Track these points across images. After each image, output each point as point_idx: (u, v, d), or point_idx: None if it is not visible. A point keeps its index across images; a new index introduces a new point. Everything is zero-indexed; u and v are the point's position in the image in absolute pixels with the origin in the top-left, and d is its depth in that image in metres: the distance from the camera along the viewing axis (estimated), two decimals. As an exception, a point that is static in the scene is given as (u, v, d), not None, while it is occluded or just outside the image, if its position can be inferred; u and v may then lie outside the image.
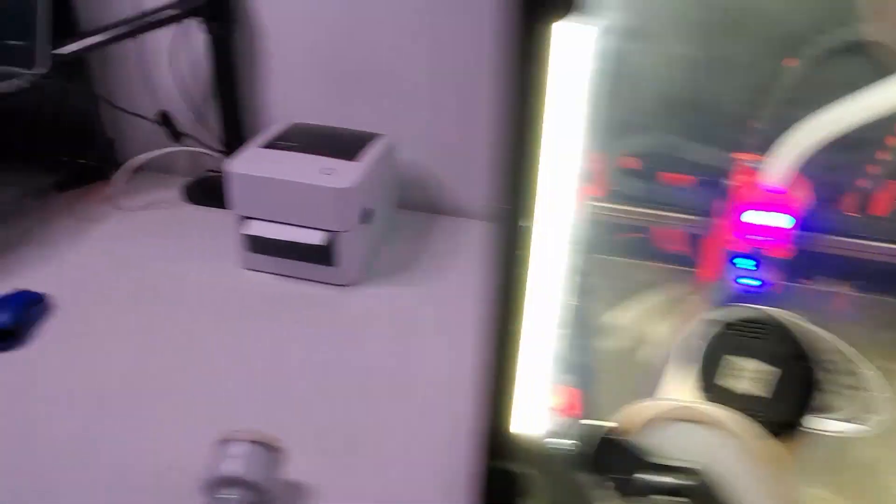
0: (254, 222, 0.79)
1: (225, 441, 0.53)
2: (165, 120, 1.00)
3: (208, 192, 1.02)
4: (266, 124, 1.01)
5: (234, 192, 0.79)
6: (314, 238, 0.77)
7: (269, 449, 0.52)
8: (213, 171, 1.06)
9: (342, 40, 0.93)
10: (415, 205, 1.00)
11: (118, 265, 0.83)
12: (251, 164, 0.79)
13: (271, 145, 0.83)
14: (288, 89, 0.98)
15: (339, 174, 0.77)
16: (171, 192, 1.02)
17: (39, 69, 0.80)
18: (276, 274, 0.83)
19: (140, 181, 1.01)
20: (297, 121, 0.92)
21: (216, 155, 1.00)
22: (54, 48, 0.80)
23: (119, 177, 0.97)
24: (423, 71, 0.92)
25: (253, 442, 0.52)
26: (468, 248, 0.92)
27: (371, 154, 0.83)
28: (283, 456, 0.53)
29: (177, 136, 1.01)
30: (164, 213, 0.97)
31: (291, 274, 0.82)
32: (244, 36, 0.94)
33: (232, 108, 0.97)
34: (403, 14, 0.89)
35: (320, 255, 0.79)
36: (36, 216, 0.93)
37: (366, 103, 0.96)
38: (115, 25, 0.84)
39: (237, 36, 0.93)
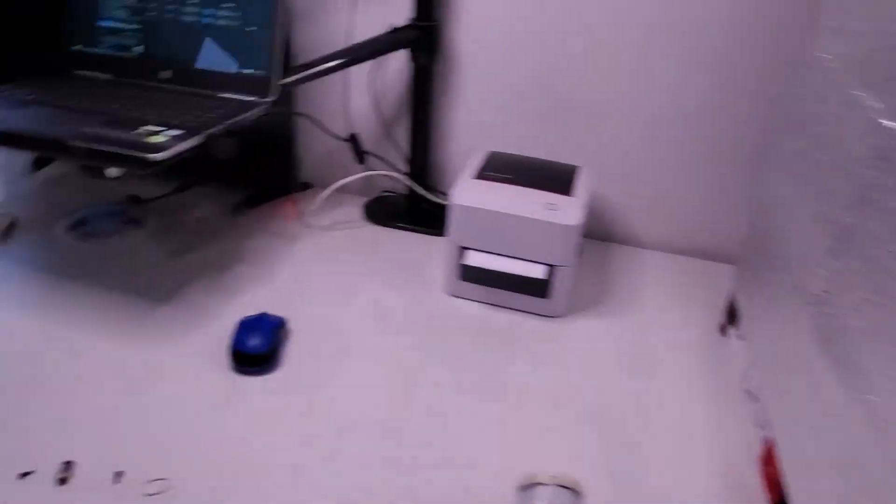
0: (473, 253, 0.81)
1: (530, 485, 0.54)
2: (354, 141, 1.02)
3: (388, 212, 1.05)
4: (452, 151, 1.03)
5: (455, 222, 0.81)
6: (536, 272, 0.79)
7: (573, 493, 0.54)
8: (388, 191, 1.09)
9: (534, 70, 0.94)
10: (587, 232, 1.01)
11: (328, 286, 0.86)
12: (473, 196, 0.81)
13: (483, 176, 0.85)
14: (478, 117, 1.00)
15: (562, 210, 0.79)
16: (350, 210, 1.05)
17: (272, 97, 0.83)
18: (484, 303, 0.85)
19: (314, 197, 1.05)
20: (484, 148, 0.93)
21: (401, 177, 1.02)
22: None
23: (321, 197, 1.00)
24: (615, 101, 0.94)
25: (559, 486, 0.54)
26: (654, 279, 0.93)
27: (582, 188, 0.84)
28: (585, 499, 0.55)
29: (360, 157, 1.04)
30: (351, 233, 0.99)
31: (499, 304, 0.84)
32: (443, 65, 0.97)
33: (423, 133, 0.99)
34: (599, 48, 0.90)
35: (537, 288, 0.80)
36: (234, 233, 0.96)
37: (553, 132, 0.98)
38: (334, 56, 0.87)
39: (437, 65, 0.95)
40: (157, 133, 0.69)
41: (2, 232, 0.89)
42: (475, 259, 0.81)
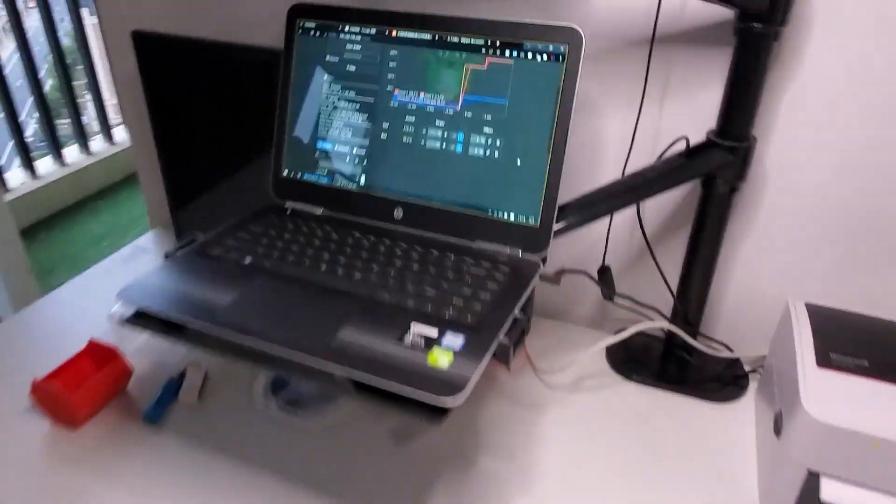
0: (831, 483, 0.58)
1: None
2: (604, 275, 0.81)
3: (640, 361, 0.83)
4: (730, 292, 0.80)
5: (806, 440, 0.58)
6: (934, 523, 0.55)
7: None
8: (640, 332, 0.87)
9: (867, 198, 0.70)
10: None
11: (603, 493, 0.65)
12: (834, 407, 0.57)
13: (831, 363, 0.62)
14: (776, 253, 0.76)
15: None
16: (589, 356, 0.83)
17: (543, 252, 0.63)
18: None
19: (544, 328, 0.85)
20: (779, 294, 0.70)
21: (668, 325, 0.80)
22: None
23: (579, 359, 0.80)
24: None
25: None
26: None
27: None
28: None
29: (610, 293, 0.82)
30: (602, 396, 0.78)
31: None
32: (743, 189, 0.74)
33: (703, 272, 0.76)
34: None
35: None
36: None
37: (882, 280, 0.73)
38: (614, 194, 0.66)
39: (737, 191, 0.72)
40: (435, 345, 0.49)
41: (197, 390, 0.73)
42: (838, 495, 0.58)
